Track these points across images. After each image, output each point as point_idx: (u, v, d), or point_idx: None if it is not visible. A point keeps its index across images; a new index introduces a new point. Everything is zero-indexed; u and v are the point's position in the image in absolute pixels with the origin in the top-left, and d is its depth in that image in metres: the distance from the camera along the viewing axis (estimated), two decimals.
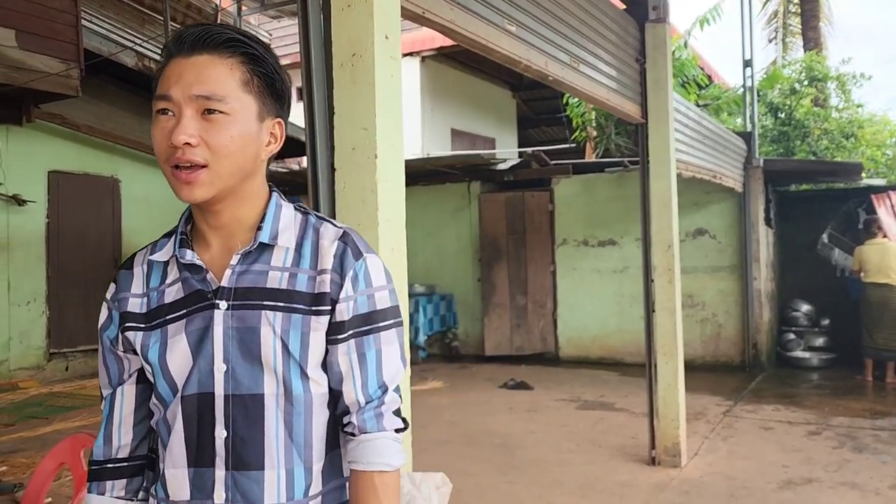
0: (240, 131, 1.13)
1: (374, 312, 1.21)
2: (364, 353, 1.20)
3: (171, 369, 1.17)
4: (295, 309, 1.16)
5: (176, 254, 1.20)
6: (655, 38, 5.00)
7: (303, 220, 1.23)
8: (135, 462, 1.27)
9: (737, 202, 8.74)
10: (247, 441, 1.15)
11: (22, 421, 6.30)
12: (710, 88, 12.00)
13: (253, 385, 1.15)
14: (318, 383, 1.20)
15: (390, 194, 2.12)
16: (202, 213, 1.20)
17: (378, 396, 1.21)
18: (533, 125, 16.48)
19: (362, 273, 1.20)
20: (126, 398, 1.27)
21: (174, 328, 1.18)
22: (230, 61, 1.13)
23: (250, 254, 1.18)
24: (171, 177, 1.13)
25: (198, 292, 1.18)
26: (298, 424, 1.18)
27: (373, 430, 1.20)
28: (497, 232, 9.81)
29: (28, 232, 8.40)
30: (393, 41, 2.17)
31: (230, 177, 1.14)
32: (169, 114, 1.12)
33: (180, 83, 1.11)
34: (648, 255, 5.02)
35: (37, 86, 7.15)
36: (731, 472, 4.80)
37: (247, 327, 1.15)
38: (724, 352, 8.82)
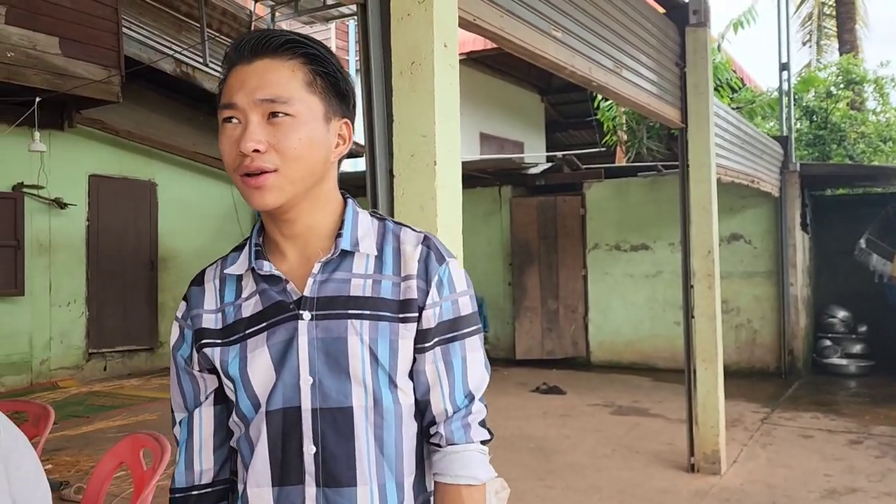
0: (307, 133, 1.10)
1: (459, 318, 1.18)
2: (451, 360, 1.17)
3: (254, 383, 1.12)
4: (381, 317, 1.13)
5: (253, 265, 1.16)
6: (696, 42, 4.98)
7: (380, 226, 1.21)
8: (219, 487, 1.23)
9: (772, 207, 8.65)
10: (337, 456, 1.11)
11: (64, 420, 6.42)
12: (743, 92, 11.89)
13: (341, 398, 1.11)
14: (406, 393, 1.17)
15: (448, 201, 2.14)
16: (275, 223, 1.17)
17: (465, 406, 1.18)
18: (561, 129, 16.44)
19: (447, 278, 1.17)
20: (205, 421, 1.22)
21: (254, 342, 1.13)
22: (291, 63, 1.11)
23: (330, 262, 1.15)
24: (241, 185, 1.11)
25: (278, 304, 1.13)
26: (389, 437, 1.14)
27: (460, 442, 1.16)
28: (528, 236, 9.80)
29: (69, 234, 8.58)
30: (451, 49, 2.20)
31: (301, 180, 1.11)
32: (234, 122, 1.10)
33: (244, 89, 1.10)
34: (687, 261, 5.00)
35: (79, 92, 7.31)
36: (772, 481, 4.75)
37: (333, 338, 1.11)
38: (760, 358, 8.73)
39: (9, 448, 2.16)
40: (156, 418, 6.59)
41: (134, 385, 8.33)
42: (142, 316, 9.34)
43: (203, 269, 1.26)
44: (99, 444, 5.66)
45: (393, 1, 2.20)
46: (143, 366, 9.31)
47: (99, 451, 5.32)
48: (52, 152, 8.03)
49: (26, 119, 7.15)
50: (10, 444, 2.17)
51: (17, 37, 6.83)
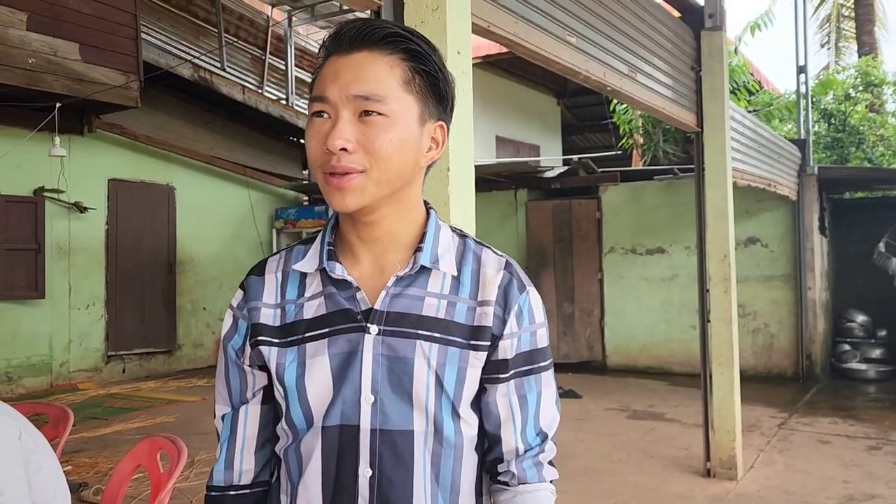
0: (400, 134, 1.02)
1: (536, 351, 1.12)
2: (525, 395, 1.12)
3: (310, 395, 1.06)
4: (452, 342, 1.06)
5: (325, 266, 1.09)
6: (711, 45, 4.96)
7: (461, 244, 1.13)
8: (257, 489, 1.18)
9: (790, 210, 8.59)
10: (394, 482, 1.05)
11: (82, 422, 6.49)
12: (760, 94, 11.82)
13: (402, 420, 1.05)
14: (470, 424, 1.10)
15: (462, 207, 2.16)
16: (354, 224, 1.09)
17: (538, 444, 1.13)
18: (577, 132, 16.42)
19: (526, 308, 1.11)
20: (250, 419, 1.16)
21: (314, 348, 1.06)
22: (391, 58, 1.03)
23: (407, 276, 1.08)
24: (322, 183, 1.04)
25: (345, 311, 1.07)
26: (447, 467, 1.08)
27: (533, 481, 1.11)
28: (544, 239, 9.80)
29: (88, 238, 8.68)
30: (464, 56, 2.21)
31: (387, 184, 1.03)
32: (324, 116, 1.03)
33: (337, 83, 1.02)
34: (703, 265, 4.98)
35: (99, 97, 7.41)
36: (790, 487, 4.72)
37: (399, 357, 1.05)
38: (777, 363, 8.66)
39: (30, 450, 2.20)
40: (173, 420, 6.66)
41: (152, 387, 8.41)
42: (160, 319, 9.43)
43: (264, 258, 1.19)
44: (117, 446, 5.72)
45: (407, 8, 2.22)
46: (160, 368, 9.40)
47: (117, 453, 5.38)
48: (71, 157, 8.14)
49: (47, 124, 7.26)
50: (30, 447, 2.21)
51: (38, 43, 6.94)
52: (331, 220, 1.16)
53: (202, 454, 5.42)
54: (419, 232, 1.11)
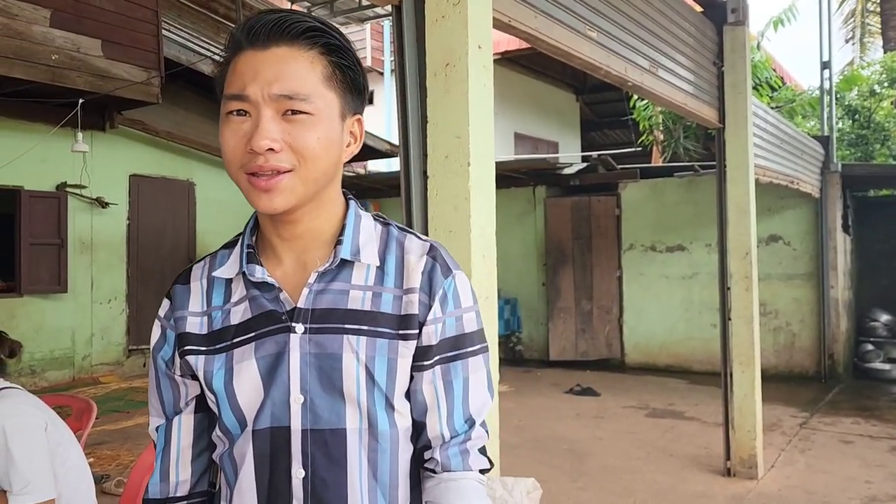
0: (325, 132, 1.01)
1: (462, 336, 1.09)
2: (451, 381, 1.09)
3: (240, 399, 1.04)
4: (380, 333, 1.04)
5: (244, 269, 1.07)
6: (734, 41, 4.91)
7: (384, 233, 1.11)
8: (195, 500, 1.15)
9: (812, 208, 8.48)
10: (328, 482, 1.02)
11: (104, 414, 6.57)
12: (783, 91, 11.68)
13: (334, 419, 1.02)
14: (403, 415, 1.08)
15: (482, 201, 2.15)
16: (274, 224, 1.07)
17: (464, 431, 1.10)
18: (596, 128, 16.33)
19: (451, 292, 1.08)
20: (183, 430, 1.13)
21: (241, 353, 1.04)
22: (310, 54, 1.00)
23: (328, 271, 1.05)
24: (245, 185, 1.01)
25: (269, 313, 1.04)
26: (384, 462, 1.06)
27: (457, 469, 1.08)
28: (562, 236, 9.75)
29: (110, 233, 8.76)
30: (485, 51, 2.20)
31: (314, 182, 1.02)
32: (244, 115, 0.99)
33: (258, 80, 0.98)
34: (725, 262, 4.93)
35: (120, 93, 7.46)
36: (811, 486, 4.66)
37: (327, 353, 1.02)
38: (799, 362, 8.56)
39: (56, 442, 2.23)
40: None
41: None
42: None
43: (189, 265, 1.16)
44: (138, 439, 5.79)
45: (428, 2, 2.22)
46: None
47: (138, 446, 5.44)
48: (93, 152, 8.21)
49: (69, 120, 7.33)
50: (56, 438, 2.24)
51: (61, 39, 7.00)
52: (250, 221, 1.14)
53: None
54: (340, 225, 1.09)
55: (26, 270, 7.87)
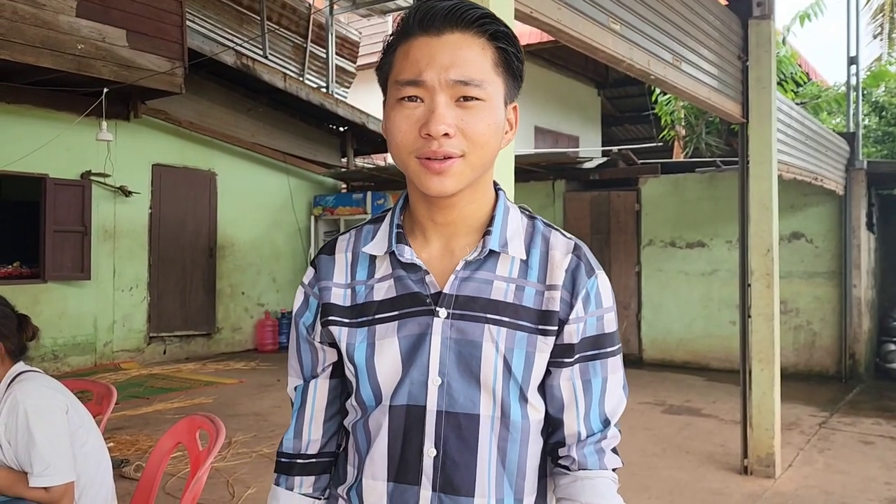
0: (495, 118, 1.03)
1: (603, 336, 1.11)
2: (590, 380, 1.11)
3: (379, 375, 1.08)
4: (520, 326, 1.06)
5: (394, 249, 1.09)
6: (759, 35, 4.85)
7: (530, 226, 1.13)
8: (323, 459, 1.21)
9: (836, 205, 8.37)
10: (458, 463, 1.06)
11: (124, 400, 6.65)
12: (808, 86, 11.54)
13: (469, 404, 1.05)
14: (537, 409, 1.10)
15: None
16: (429, 207, 1.09)
17: (600, 430, 1.12)
18: (617, 123, 16.24)
19: (594, 292, 1.09)
20: (319, 392, 1.19)
21: (384, 329, 1.08)
22: (482, 41, 1.02)
23: (475, 260, 1.08)
24: (417, 168, 1.02)
25: (414, 295, 1.07)
26: (513, 451, 1.08)
27: (594, 468, 1.10)
28: (581, 231, 9.71)
29: (133, 221, 8.86)
30: None
31: (481, 167, 1.04)
32: (417, 101, 1.01)
33: (433, 66, 1.00)
34: (745, 259, 4.89)
35: (144, 83, 7.54)
36: (829, 487, 4.62)
37: (467, 340, 1.05)
38: (819, 361, 8.47)
39: (76, 425, 2.26)
40: (211, 402, 6.78)
41: (191, 369, 8.58)
42: (200, 302, 9.60)
43: (334, 237, 1.20)
44: (157, 424, 5.86)
45: None
46: (200, 350, 9.57)
47: (157, 432, 5.50)
48: (117, 142, 8.30)
49: (94, 109, 7.41)
50: (77, 422, 2.27)
51: (87, 29, 7.08)
52: (400, 200, 1.16)
53: (239, 435, 5.52)
54: (489, 214, 1.11)
55: (50, 257, 7.98)
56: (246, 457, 5.07)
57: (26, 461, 2.07)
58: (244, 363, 8.93)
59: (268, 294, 10.37)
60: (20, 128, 7.72)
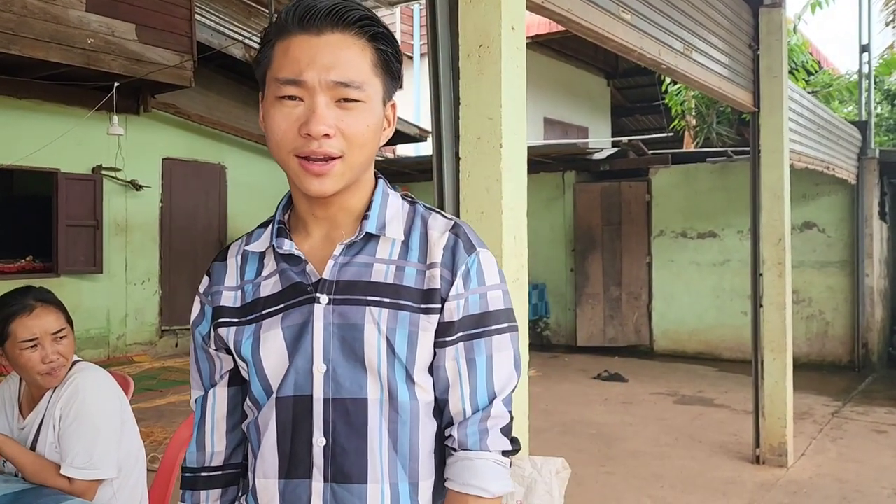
0: (373, 119, 1.04)
1: (487, 314, 1.09)
2: (473, 358, 1.09)
3: (266, 367, 1.06)
4: (402, 306, 1.05)
5: (273, 244, 1.11)
6: (770, 23, 4.82)
7: (410, 210, 1.14)
8: (229, 471, 1.19)
9: (848, 195, 8.33)
10: (348, 451, 1.04)
11: (138, 393, 6.67)
12: (820, 75, 11.45)
13: (356, 388, 1.04)
14: (425, 389, 1.09)
15: (514, 183, 2.15)
16: (309, 203, 1.10)
17: (484, 407, 1.09)
18: (627, 113, 16.16)
19: (475, 269, 1.09)
20: (218, 402, 1.17)
21: (269, 323, 1.07)
22: (361, 42, 1.03)
23: (354, 245, 1.09)
24: (297, 168, 1.03)
25: (296, 285, 1.08)
26: (404, 434, 1.07)
27: (474, 448, 1.07)
28: (591, 222, 9.70)
29: (143, 215, 8.91)
30: (518, 32, 2.20)
31: (359, 167, 1.05)
32: (296, 100, 1.01)
33: (314, 67, 0.99)
34: (757, 248, 4.87)
35: (154, 77, 7.56)
36: (842, 475, 4.62)
37: (349, 324, 1.04)
38: (831, 351, 8.44)
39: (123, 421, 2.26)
40: None
41: None
42: None
43: (229, 243, 1.21)
44: (172, 416, 5.90)
45: None
46: None
47: (172, 423, 5.55)
48: (128, 136, 8.33)
49: (105, 103, 7.44)
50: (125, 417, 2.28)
51: (96, 24, 7.10)
52: (283, 198, 1.17)
53: None
54: (368, 202, 1.12)
55: (63, 251, 8.04)
56: None
57: (69, 448, 2.03)
58: None
59: None
60: (31, 123, 7.76)
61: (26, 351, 2.07)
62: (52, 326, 2.12)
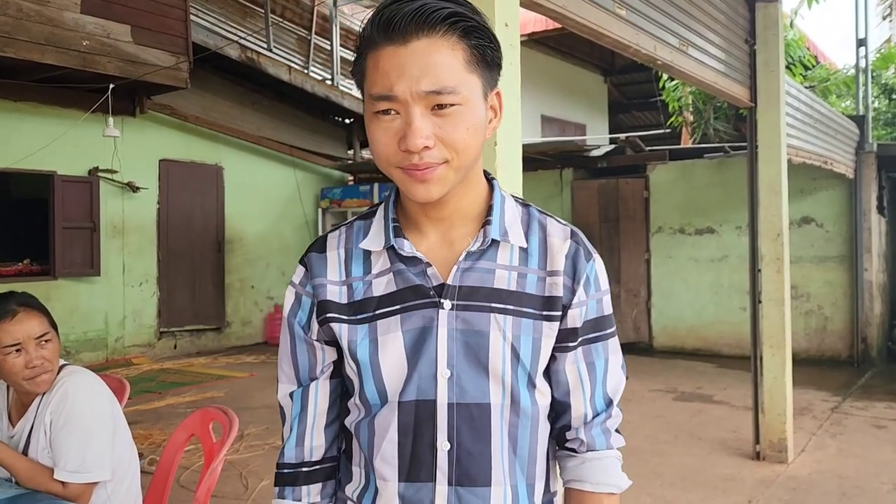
0: (473, 120, 1.00)
1: (603, 318, 1.14)
2: (593, 361, 1.13)
3: (384, 371, 1.06)
4: (525, 313, 1.06)
5: (392, 243, 1.08)
6: (767, 18, 4.81)
7: (525, 214, 1.13)
8: (328, 464, 1.19)
9: (846, 189, 8.32)
10: (473, 454, 1.05)
11: (136, 395, 6.68)
12: (817, 69, 11.43)
13: (479, 394, 1.05)
14: (544, 394, 1.12)
15: (509, 181, 2.13)
16: (422, 205, 1.07)
17: (604, 410, 1.14)
18: (624, 110, 16.15)
19: (593, 276, 1.12)
20: (320, 395, 1.16)
21: (386, 324, 1.06)
22: (451, 41, 0.97)
23: (476, 250, 1.08)
24: (401, 176, 1.02)
25: (416, 287, 1.06)
26: (524, 438, 1.09)
27: (601, 448, 1.13)
28: (590, 219, 9.68)
29: (141, 217, 8.89)
30: (512, 29, 2.18)
31: (465, 168, 1.03)
32: (392, 113, 0.99)
33: (404, 78, 0.97)
34: (755, 244, 4.86)
35: (150, 78, 7.54)
36: (842, 471, 4.61)
37: (474, 330, 1.05)
38: (831, 346, 8.44)
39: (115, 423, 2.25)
40: (223, 395, 6.81)
41: (202, 363, 8.61)
42: (209, 296, 9.63)
43: (324, 234, 1.18)
44: (170, 418, 5.89)
45: None
46: (210, 345, 9.61)
47: (171, 426, 5.53)
48: (124, 137, 8.30)
49: (100, 105, 7.42)
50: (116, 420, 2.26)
51: (91, 25, 7.08)
52: (391, 194, 1.14)
53: (251, 428, 5.54)
54: (484, 204, 1.11)
55: (60, 254, 8.02)
56: (259, 449, 5.09)
57: (61, 452, 2.03)
58: (255, 357, 8.97)
59: (277, 287, 10.38)
60: (27, 125, 7.74)
61: (10, 356, 2.06)
62: (35, 331, 2.10)
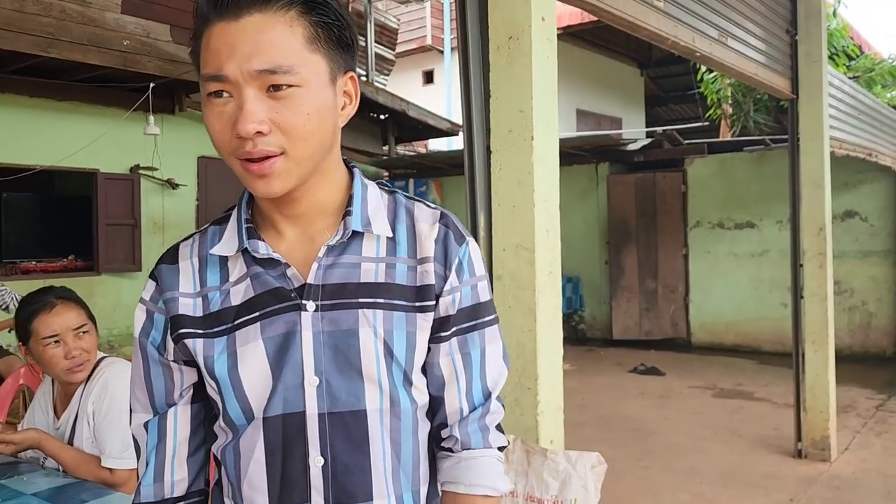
0: (315, 104, 0.92)
1: (479, 305, 1.04)
2: (468, 352, 1.04)
3: (246, 385, 0.95)
4: (397, 305, 0.97)
5: (245, 246, 0.98)
6: (809, 7, 4.70)
7: (391, 201, 1.05)
8: (194, 499, 1.07)
9: (892, 182, 8.10)
10: (350, 468, 0.96)
11: None
12: (861, 59, 11.14)
13: (353, 400, 0.96)
14: (421, 391, 1.03)
15: (546, 175, 2.13)
16: (274, 202, 0.99)
17: (482, 404, 1.05)
18: (661, 103, 15.94)
19: (466, 261, 1.02)
20: (180, 423, 1.04)
21: (244, 335, 0.96)
22: (288, 17, 0.90)
23: (338, 244, 0.99)
24: (240, 170, 0.93)
25: (276, 290, 0.96)
26: (406, 442, 1.00)
27: (478, 447, 1.04)
28: (626, 214, 9.59)
29: (180, 213, 9.04)
30: (549, 23, 2.17)
31: (310, 159, 0.94)
32: (225, 95, 0.90)
33: (234, 57, 0.88)
34: (797, 239, 4.77)
35: (188, 77, 7.65)
36: (887, 470, 4.50)
37: (342, 331, 0.95)
38: (875, 342, 8.24)
39: None
40: None
41: None
42: None
43: (176, 243, 1.07)
44: None
45: None
46: None
47: None
48: (163, 135, 8.44)
49: (141, 104, 7.56)
50: None
51: (132, 25, 7.21)
52: (244, 194, 1.05)
53: None
54: (345, 195, 1.02)
55: (103, 250, 8.20)
56: None
57: (106, 439, 2.08)
58: None
59: None
60: (71, 124, 7.92)
61: (49, 347, 2.13)
62: (72, 322, 2.17)
